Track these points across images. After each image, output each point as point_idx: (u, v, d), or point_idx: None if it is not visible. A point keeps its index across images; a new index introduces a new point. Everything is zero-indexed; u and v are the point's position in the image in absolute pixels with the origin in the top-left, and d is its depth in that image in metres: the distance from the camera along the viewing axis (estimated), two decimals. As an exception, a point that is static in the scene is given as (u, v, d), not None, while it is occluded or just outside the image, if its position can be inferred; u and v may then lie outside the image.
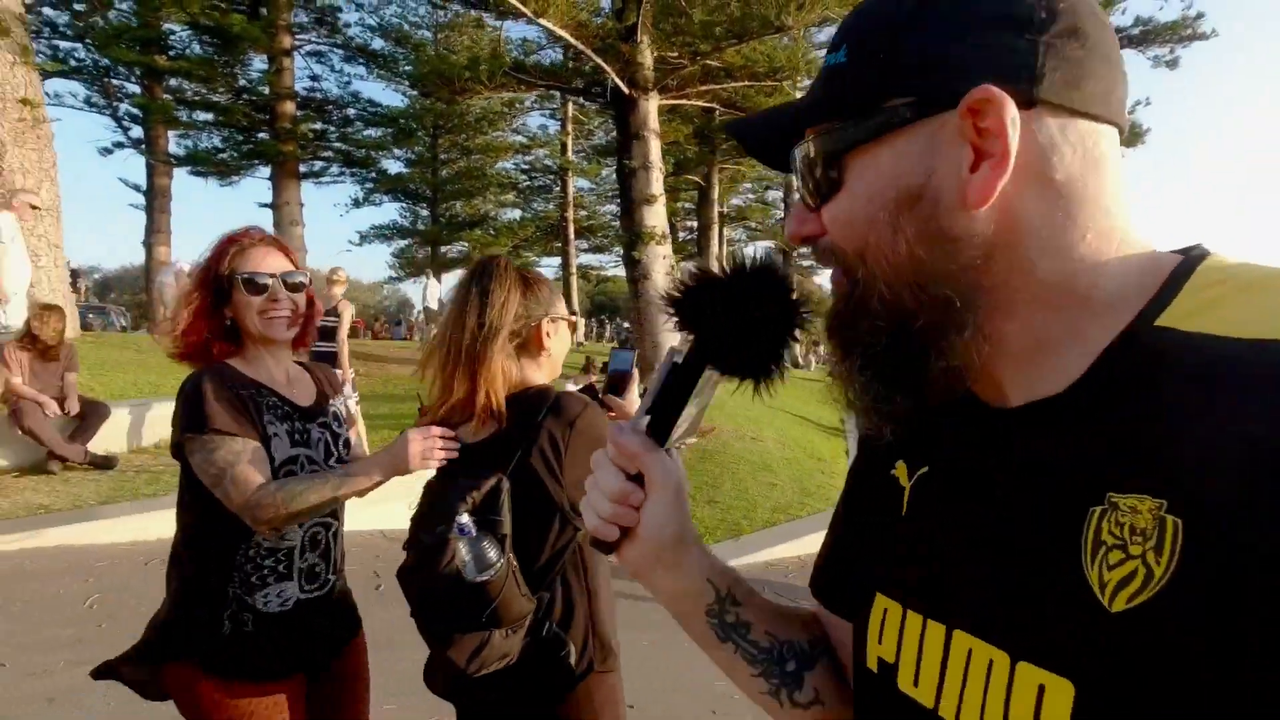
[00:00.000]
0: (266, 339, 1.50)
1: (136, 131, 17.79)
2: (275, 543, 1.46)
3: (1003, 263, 0.46)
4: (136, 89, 17.70)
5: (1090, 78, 0.45)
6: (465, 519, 1.21)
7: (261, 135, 18.37)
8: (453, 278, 30.21)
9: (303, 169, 19.30)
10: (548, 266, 35.84)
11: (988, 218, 0.45)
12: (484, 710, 1.39)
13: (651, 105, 11.37)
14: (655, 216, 11.78)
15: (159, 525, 4.40)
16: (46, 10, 16.14)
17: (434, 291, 17.58)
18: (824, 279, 0.56)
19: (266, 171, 18.39)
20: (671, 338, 12.50)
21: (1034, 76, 0.44)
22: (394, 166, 25.17)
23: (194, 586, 1.45)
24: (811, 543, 6.57)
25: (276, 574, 1.46)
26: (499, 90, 12.38)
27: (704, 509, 7.13)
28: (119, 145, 17.92)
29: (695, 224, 25.56)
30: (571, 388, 6.10)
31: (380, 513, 5.71)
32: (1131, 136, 21.50)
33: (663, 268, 11.86)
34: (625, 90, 11.04)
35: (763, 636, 0.64)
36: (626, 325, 27.12)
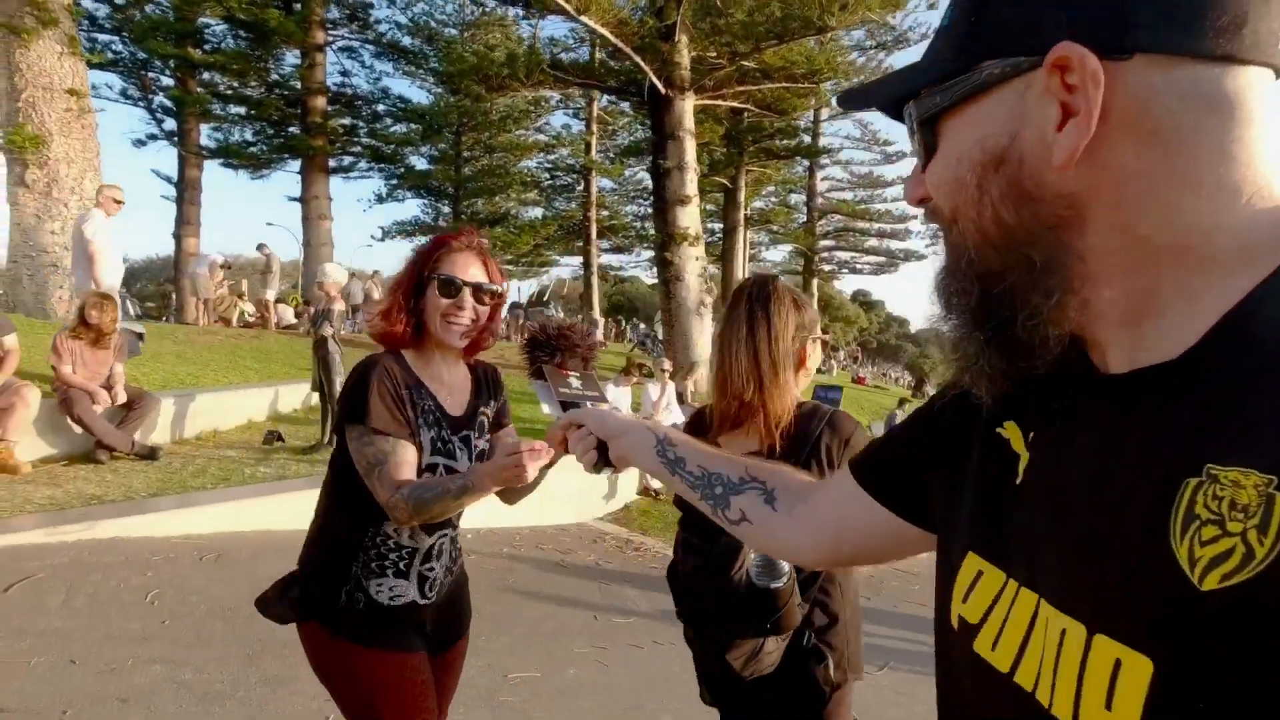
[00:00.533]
0: (440, 341, 1.53)
1: (170, 124, 17.98)
2: (402, 540, 1.49)
3: (1099, 223, 0.44)
4: (171, 82, 17.86)
5: (1209, 13, 0.41)
6: None
7: (292, 129, 18.50)
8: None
9: (331, 164, 19.43)
10: (568, 265, 35.89)
11: (1079, 177, 0.44)
12: (747, 715, 1.50)
13: (688, 105, 11.28)
14: (688, 217, 11.69)
15: (209, 519, 4.37)
16: (86, 3, 16.36)
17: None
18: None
19: (296, 165, 18.53)
20: (703, 337, 12.41)
21: (1126, 24, 0.41)
22: (419, 163, 25.28)
23: (325, 555, 1.51)
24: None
25: (396, 570, 1.50)
26: (535, 87, 12.35)
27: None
28: (152, 138, 18.13)
29: (720, 226, 25.45)
30: (614, 389, 6.02)
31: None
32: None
33: (695, 269, 11.76)
34: (662, 89, 10.95)
35: (695, 469, 0.85)
36: (643, 326, 27.04)
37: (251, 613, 3.27)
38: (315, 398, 6.72)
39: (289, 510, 4.84)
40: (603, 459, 0.96)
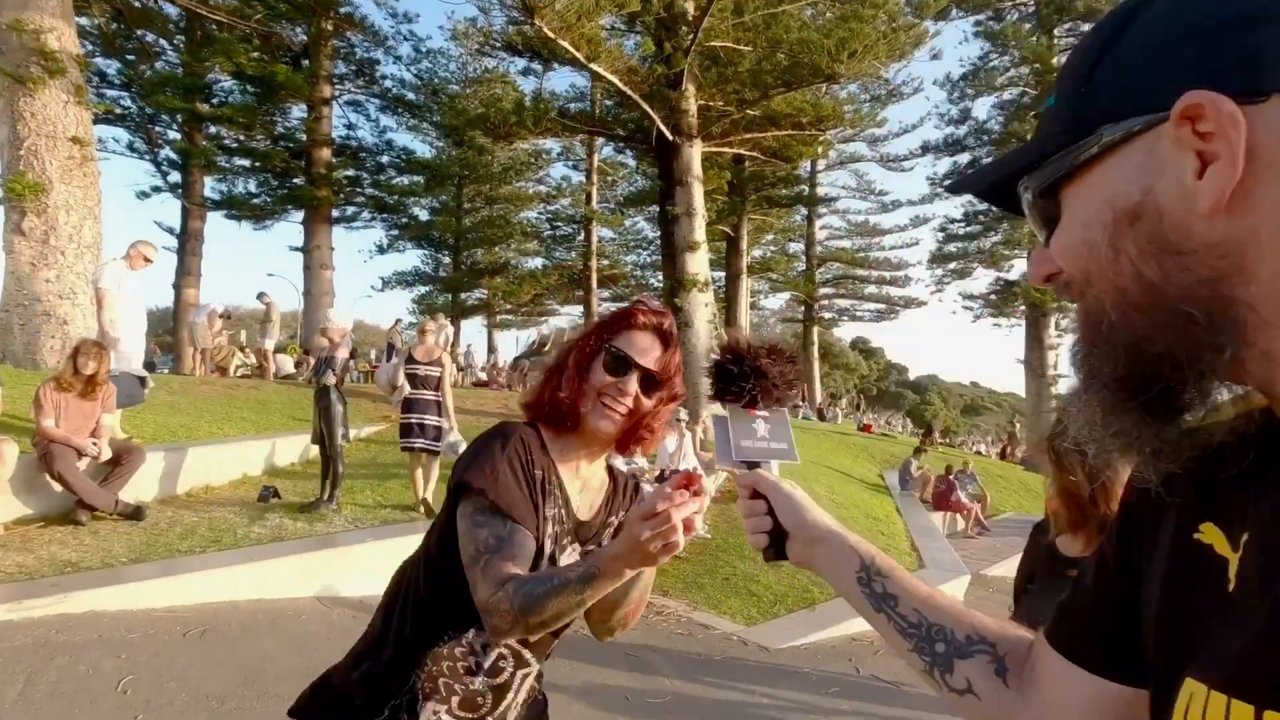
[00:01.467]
0: (590, 425, 1.23)
1: (175, 176, 18.01)
2: (484, 660, 1.17)
3: (1265, 267, 0.42)
4: (177, 135, 17.98)
5: None
6: None
7: (296, 180, 18.55)
8: (470, 324, 30.25)
9: (334, 214, 19.44)
10: (568, 315, 35.94)
11: (1231, 223, 0.42)
12: None
13: (695, 151, 11.24)
14: (697, 263, 11.52)
15: (196, 588, 3.96)
16: (97, 60, 16.56)
17: (446, 336, 17.28)
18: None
19: (299, 216, 18.52)
20: (703, 383, 12.09)
21: (1257, 66, 0.41)
22: (421, 214, 25.45)
23: (383, 645, 1.19)
24: (890, 615, 5.99)
25: (464, 700, 1.16)
26: (542, 135, 12.34)
27: (770, 574, 6.57)
28: (156, 190, 18.13)
29: (723, 274, 25.47)
30: (622, 465, 5.53)
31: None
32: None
33: (705, 315, 11.53)
34: (669, 136, 10.93)
35: (910, 612, 0.71)
36: (645, 374, 26.77)
37: (240, 703, 2.85)
38: (314, 450, 6.34)
39: (284, 576, 4.43)
40: (775, 550, 0.80)
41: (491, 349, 30.16)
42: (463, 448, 6.77)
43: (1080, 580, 0.63)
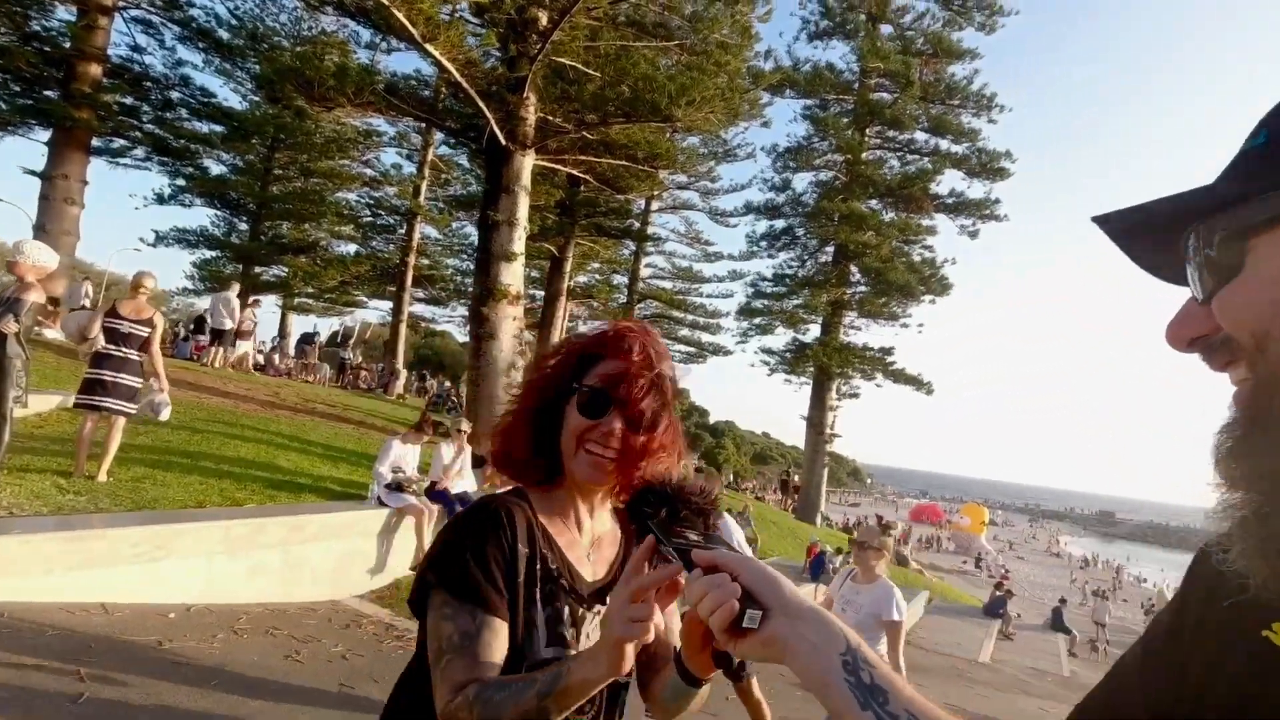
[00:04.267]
0: (578, 477, 1.08)
1: None
2: None
3: None
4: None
5: None
6: None
7: (49, 93, 15.36)
8: (268, 299, 27.12)
9: (96, 143, 16.38)
10: (375, 310, 33.68)
11: None
12: None
13: (527, 162, 10.98)
14: (511, 275, 11.18)
15: None
16: None
17: (231, 308, 15.13)
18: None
19: (46, 135, 15.31)
20: (501, 397, 11.74)
21: None
22: (216, 168, 22.42)
23: None
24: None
25: None
26: (365, 108, 11.36)
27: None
28: None
29: (544, 293, 25.24)
30: (400, 445, 5.04)
31: (106, 576, 4.28)
32: (940, 288, 25.14)
33: (511, 329, 11.17)
34: (503, 141, 10.57)
35: (902, 713, 0.57)
36: (449, 384, 25.72)
37: None
38: (-23, 414, 4.98)
39: None
40: (735, 623, 0.65)
41: (283, 333, 27.13)
42: (166, 412, 5.69)
43: (1120, 676, 0.55)
